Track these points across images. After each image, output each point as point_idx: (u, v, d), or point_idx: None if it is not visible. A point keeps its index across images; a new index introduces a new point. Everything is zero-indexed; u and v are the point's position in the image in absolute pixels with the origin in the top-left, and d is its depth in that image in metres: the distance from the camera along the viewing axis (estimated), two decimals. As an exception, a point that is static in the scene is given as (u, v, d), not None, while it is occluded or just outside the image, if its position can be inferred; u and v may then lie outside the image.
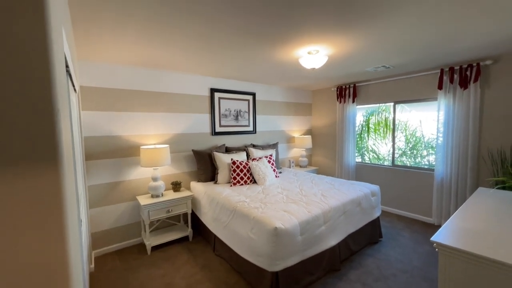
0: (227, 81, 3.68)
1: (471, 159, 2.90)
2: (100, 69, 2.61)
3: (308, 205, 2.26)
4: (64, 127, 0.74)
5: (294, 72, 3.27)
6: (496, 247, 1.10)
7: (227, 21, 1.69)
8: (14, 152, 0.55)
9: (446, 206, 3.14)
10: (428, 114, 3.92)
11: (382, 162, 4.32)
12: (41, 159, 0.58)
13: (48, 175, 0.59)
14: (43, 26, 0.57)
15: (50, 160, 0.59)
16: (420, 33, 2.00)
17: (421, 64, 3.00)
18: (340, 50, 2.36)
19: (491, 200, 1.75)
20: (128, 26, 1.74)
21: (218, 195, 2.64)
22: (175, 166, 3.22)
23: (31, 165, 0.57)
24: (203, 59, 2.58)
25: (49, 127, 0.59)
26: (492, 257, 1.01)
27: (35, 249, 0.58)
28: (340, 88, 4.30)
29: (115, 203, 2.77)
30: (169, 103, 3.12)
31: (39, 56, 0.56)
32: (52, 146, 0.60)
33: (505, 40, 2.22)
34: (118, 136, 2.75)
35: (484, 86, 2.85)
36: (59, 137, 0.61)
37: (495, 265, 1.01)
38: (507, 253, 1.04)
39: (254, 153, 3.57)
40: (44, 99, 0.57)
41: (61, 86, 0.76)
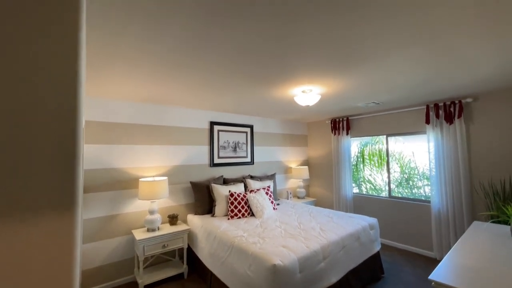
0: (226, 115, 3.85)
1: (464, 191, 2.96)
2: (105, 104, 2.75)
3: (306, 240, 2.24)
4: (81, 167, 0.79)
5: (290, 107, 3.46)
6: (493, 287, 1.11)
7: (228, 66, 1.86)
8: (33, 197, 0.59)
9: (446, 239, 3.11)
10: (421, 145, 4.07)
11: (379, 193, 4.34)
12: (60, 205, 0.63)
13: (64, 220, 0.63)
14: (75, 69, 0.63)
15: (68, 204, 0.64)
16: (404, 76, 2.21)
17: (408, 100, 3.22)
18: (332, 89, 2.56)
19: (486, 235, 1.78)
20: (137, 71, 1.91)
21: (215, 229, 2.61)
22: (173, 198, 3.21)
23: (50, 211, 0.61)
24: (204, 96, 2.75)
25: (70, 171, 0.63)
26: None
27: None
28: (334, 121, 4.50)
29: (110, 238, 2.70)
30: (170, 136, 3.23)
31: (70, 102, 0.60)
32: (71, 190, 0.64)
33: (480, 82, 2.44)
34: (118, 168, 2.79)
35: (468, 122, 3.03)
36: (78, 181, 0.66)
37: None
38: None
39: (252, 184, 3.60)
40: (70, 142, 0.61)
41: (81, 127, 0.83)
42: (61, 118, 0.61)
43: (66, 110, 0.61)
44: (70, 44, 0.62)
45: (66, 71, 0.62)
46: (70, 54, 0.62)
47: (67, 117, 0.61)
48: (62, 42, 0.62)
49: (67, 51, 0.62)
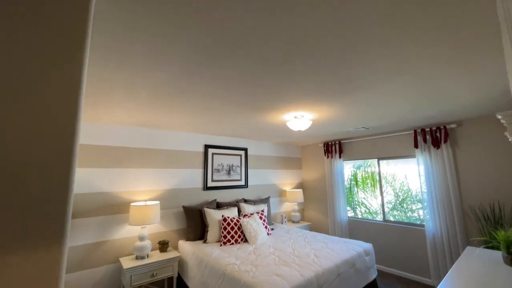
0: (221, 138, 3.90)
1: (457, 215, 2.98)
2: (99, 128, 2.77)
3: (300, 268, 2.18)
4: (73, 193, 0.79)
5: (283, 132, 3.55)
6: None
7: (223, 95, 1.95)
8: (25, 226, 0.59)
9: (443, 265, 3.06)
10: (412, 168, 4.15)
11: (374, 217, 4.31)
12: (50, 237, 0.63)
13: (52, 253, 0.63)
14: (76, 101, 0.67)
15: (58, 237, 0.64)
16: (391, 105, 2.33)
17: (396, 126, 3.36)
18: (323, 115, 2.66)
19: (479, 261, 1.77)
20: (134, 100, 1.98)
21: (207, 256, 2.52)
22: (164, 223, 3.13)
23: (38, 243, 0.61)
24: (199, 121, 2.82)
25: (63, 201, 0.64)
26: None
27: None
28: (327, 144, 4.59)
29: (95, 267, 2.57)
30: (163, 159, 3.23)
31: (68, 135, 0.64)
32: (62, 222, 0.65)
33: (462, 110, 2.59)
34: (109, 192, 2.75)
35: (454, 146, 3.15)
36: (69, 212, 0.67)
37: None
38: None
39: (246, 208, 3.55)
40: (63, 173, 0.63)
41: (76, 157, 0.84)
42: (60, 158, 0.63)
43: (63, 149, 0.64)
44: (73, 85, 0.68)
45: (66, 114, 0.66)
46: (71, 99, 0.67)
47: (65, 157, 0.64)
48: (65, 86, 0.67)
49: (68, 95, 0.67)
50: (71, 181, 0.69)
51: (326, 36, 1.18)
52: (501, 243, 1.71)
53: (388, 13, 1.04)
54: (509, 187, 2.66)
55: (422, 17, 1.06)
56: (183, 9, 0.98)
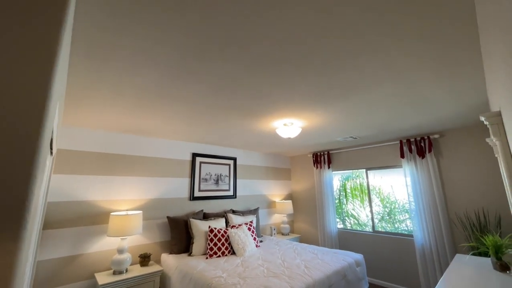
0: (210, 147, 3.83)
1: (444, 224, 3.00)
2: (81, 133, 2.64)
3: (291, 279, 2.08)
4: (35, 198, 0.71)
5: (272, 140, 3.53)
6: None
7: (210, 98, 1.92)
8: None
9: (433, 276, 3.02)
10: (398, 180, 4.20)
11: (363, 228, 4.28)
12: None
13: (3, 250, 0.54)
14: (44, 102, 0.63)
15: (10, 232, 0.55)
16: (376, 113, 2.38)
17: (382, 136, 3.43)
18: (312, 123, 2.68)
19: (469, 268, 1.75)
20: (117, 102, 1.91)
21: (191, 270, 2.36)
22: (147, 235, 2.94)
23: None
24: (187, 127, 2.75)
25: (20, 199, 0.56)
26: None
27: None
28: (316, 155, 4.61)
29: (67, 284, 2.34)
30: (149, 167, 3.10)
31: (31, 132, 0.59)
32: (18, 222, 0.56)
33: (444, 121, 2.68)
34: (87, 201, 2.57)
35: (438, 156, 3.23)
36: (28, 209, 0.58)
37: None
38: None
39: (234, 219, 3.42)
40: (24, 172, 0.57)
41: (43, 159, 0.76)
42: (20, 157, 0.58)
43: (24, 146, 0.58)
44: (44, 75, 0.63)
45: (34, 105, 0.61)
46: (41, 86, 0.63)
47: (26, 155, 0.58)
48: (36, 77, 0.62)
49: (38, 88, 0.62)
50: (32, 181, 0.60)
51: (314, 41, 1.20)
52: (490, 249, 1.71)
53: (376, 21, 1.07)
54: (492, 194, 2.73)
55: (407, 27, 1.11)
56: (168, 11, 0.97)
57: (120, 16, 1.02)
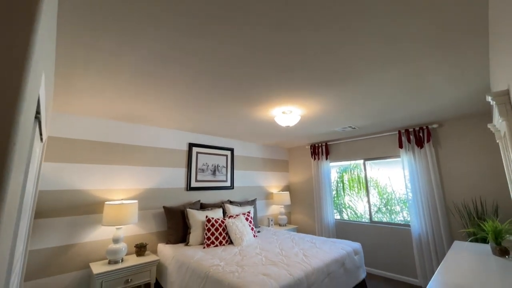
0: (206, 137, 3.76)
1: (441, 213, 3.01)
2: (72, 120, 2.55)
3: (289, 267, 2.06)
4: (14, 183, 0.64)
5: (271, 130, 3.48)
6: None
7: (205, 81, 1.85)
8: None
9: (429, 265, 3.05)
10: (396, 171, 4.21)
11: (360, 219, 4.29)
12: None
13: None
14: (23, 62, 0.57)
15: None
16: (376, 100, 2.34)
17: (381, 126, 3.40)
18: (311, 110, 2.63)
19: (468, 254, 1.75)
20: (110, 83, 1.82)
21: (188, 259, 2.33)
22: (142, 225, 2.89)
23: None
24: (182, 115, 2.68)
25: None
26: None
27: None
28: (314, 146, 4.58)
29: (61, 273, 2.29)
30: (143, 157, 3.02)
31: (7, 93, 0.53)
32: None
33: (444, 109, 2.66)
34: (81, 190, 2.50)
35: (436, 146, 3.23)
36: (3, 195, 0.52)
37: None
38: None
39: (231, 209, 3.39)
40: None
41: (24, 134, 0.69)
42: None
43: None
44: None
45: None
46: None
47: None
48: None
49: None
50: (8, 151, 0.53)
51: (315, 23, 1.14)
52: (490, 234, 1.70)
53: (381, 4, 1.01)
54: (490, 183, 2.74)
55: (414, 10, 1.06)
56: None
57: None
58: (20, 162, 0.74)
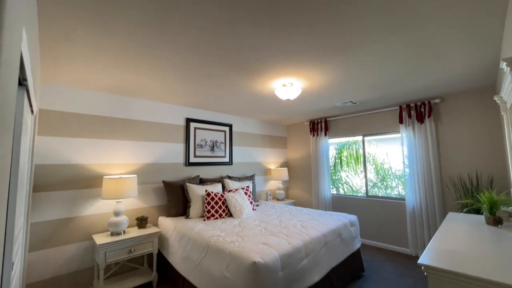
0: (204, 112, 3.68)
1: (436, 188, 3.08)
2: (65, 92, 2.44)
3: (288, 237, 2.12)
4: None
5: (270, 104, 3.39)
6: (478, 265, 1.08)
7: (199, 50, 1.74)
8: None
9: (420, 235, 3.19)
10: (394, 148, 4.23)
11: (356, 194, 4.39)
12: None
13: None
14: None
15: None
16: (379, 73, 2.25)
17: (383, 101, 3.33)
18: (312, 83, 2.54)
19: (463, 224, 1.80)
20: (101, 49, 1.70)
21: (189, 231, 2.38)
22: (142, 199, 2.91)
23: None
24: (179, 88, 2.57)
25: None
26: (478, 276, 0.98)
27: None
28: (313, 122, 4.53)
29: (64, 244, 2.34)
30: (141, 131, 2.96)
31: None
32: None
33: (448, 83, 2.59)
34: (78, 164, 2.47)
35: (437, 121, 3.20)
36: None
37: (480, 283, 0.97)
38: (490, 270, 1.02)
39: (230, 184, 3.42)
40: None
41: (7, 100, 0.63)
42: None
43: None
44: None
45: None
46: None
47: None
48: None
49: None
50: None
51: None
52: (485, 204, 1.73)
53: None
54: (487, 156, 2.77)
55: None
56: None
57: None
58: (6, 129, 0.69)
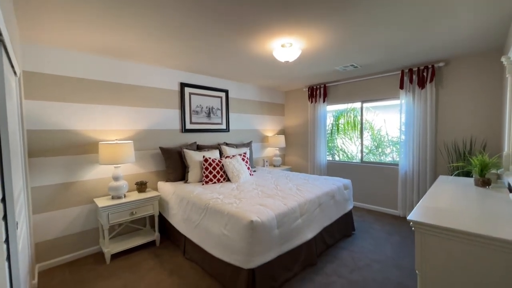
0: (199, 76, 3.53)
1: (429, 153, 3.14)
2: (50, 53, 2.28)
3: (284, 199, 2.20)
4: None
5: (268, 68, 3.25)
6: (464, 221, 1.14)
7: (198, 11, 1.58)
8: None
9: (410, 198, 3.35)
10: (391, 115, 4.21)
11: (351, 160, 4.49)
12: None
13: None
14: None
15: None
16: (383, 32, 2.11)
17: (384, 65, 3.20)
18: (313, 44, 2.39)
19: (453, 185, 1.87)
20: (81, 4, 1.53)
21: (188, 194, 2.46)
22: (140, 165, 2.94)
23: None
24: (172, 49, 2.41)
25: None
26: (463, 230, 1.04)
27: None
28: (312, 88, 4.42)
29: (67, 207, 2.41)
30: (134, 97, 2.86)
31: None
32: None
33: (454, 45, 2.46)
34: (73, 130, 2.43)
35: (438, 86, 3.13)
36: None
37: (466, 236, 1.04)
38: (475, 225, 1.08)
39: (228, 151, 3.45)
40: None
41: None
42: None
43: None
44: None
45: None
46: None
47: None
48: None
49: None
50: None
51: None
52: (477, 166, 1.77)
53: None
54: (483, 122, 2.79)
55: None
56: None
57: None
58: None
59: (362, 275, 2.08)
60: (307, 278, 2.04)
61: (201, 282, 2.02)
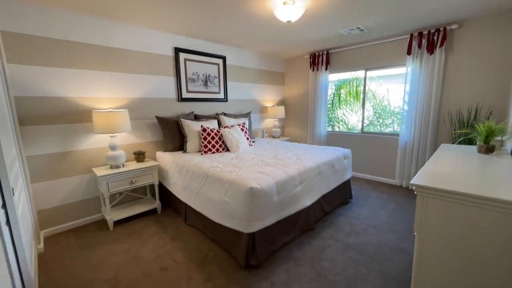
0: (194, 41, 3.30)
1: (432, 122, 3.08)
2: (28, 10, 2.07)
3: (283, 167, 2.18)
4: None
5: (268, 30, 3.02)
6: (465, 184, 1.12)
7: None
8: None
9: (408, 168, 3.37)
10: (395, 85, 4.07)
11: (351, 131, 4.44)
12: None
13: None
14: None
15: None
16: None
17: (392, 27, 2.98)
18: (317, 1, 2.18)
19: (455, 152, 1.84)
20: None
21: (188, 163, 2.43)
22: (137, 134, 2.88)
23: None
24: (164, 7, 2.20)
25: None
26: (464, 192, 1.02)
27: None
28: (314, 56, 4.19)
29: (66, 177, 2.40)
30: (126, 62, 2.69)
31: None
32: None
33: (469, 1, 2.25)
34: (63, 97, 2.31)
35: (448, 51, 2.96)
36: None
37: (468, 198, 1.02)
38: (477, 188, 1.06)
39: (226, 121, 3.37)
40: None
41: None
42: None
43: None
44: None
45: None
46: None
47: None
48: None
49: None
50: None
51: None
52: (482, 133, 1.73)
53: None
54: (491, 88, 2.69)
55: None
56: None
57: None
58: None
59: (358, 238, 2.16)
60: (305, 242, 2.11)
61: (203, 246, 2.09)
